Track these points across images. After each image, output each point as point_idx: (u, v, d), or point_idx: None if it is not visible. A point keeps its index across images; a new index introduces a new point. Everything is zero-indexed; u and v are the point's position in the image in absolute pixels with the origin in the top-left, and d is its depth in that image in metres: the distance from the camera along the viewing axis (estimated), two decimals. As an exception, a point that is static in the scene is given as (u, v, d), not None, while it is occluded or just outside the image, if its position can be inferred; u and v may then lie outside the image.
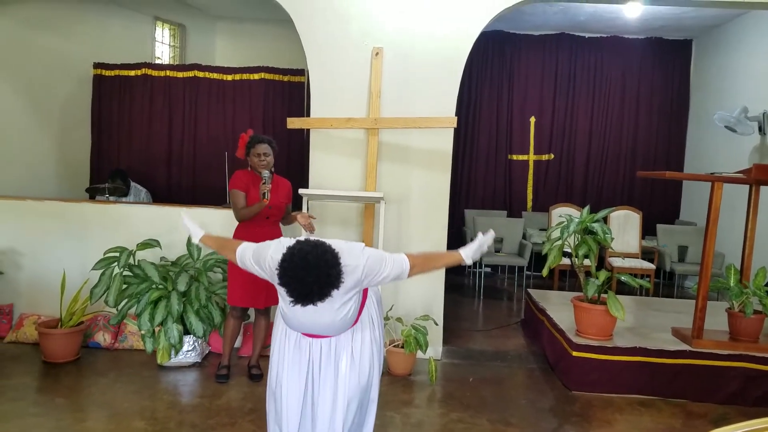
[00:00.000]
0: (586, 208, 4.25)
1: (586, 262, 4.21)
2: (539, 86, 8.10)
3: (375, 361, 2.51)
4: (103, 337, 4.53)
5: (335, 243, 2.17)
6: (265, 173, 3.77)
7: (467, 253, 2.43)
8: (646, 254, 6.84)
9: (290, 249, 2.04)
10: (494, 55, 8.10)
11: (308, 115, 4.70)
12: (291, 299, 2.02)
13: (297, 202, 4.21)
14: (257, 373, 4.01)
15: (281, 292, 2.17)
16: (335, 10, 4.43)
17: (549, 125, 8.14)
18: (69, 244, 4.71)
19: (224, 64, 7.45)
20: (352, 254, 2.20)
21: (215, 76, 7.25)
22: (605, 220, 4.33)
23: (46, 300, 4.63)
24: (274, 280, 2.16)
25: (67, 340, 4.21)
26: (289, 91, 7.18)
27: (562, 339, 4.26)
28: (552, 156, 8.18)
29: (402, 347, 4.16)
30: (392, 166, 4.49)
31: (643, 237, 6.82)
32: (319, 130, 4.49)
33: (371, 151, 4.39)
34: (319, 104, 4.49)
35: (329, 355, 2.40)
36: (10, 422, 3.23)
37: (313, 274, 1.97)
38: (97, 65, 7.16)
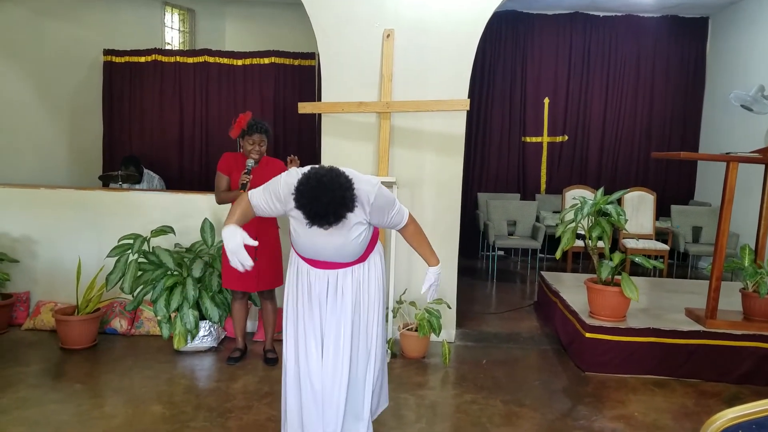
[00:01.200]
0: (600, 190, 4.22)
1: (600, 244, 4.18)
2: (553, 67, 8.00)
3: (377, 309, 2.62)
4: (119, 324, 4.59)
5: (349, 170, 2.29)
6: (250, 162, 3.76)
7: (436, 269, 2.66)
8: (660, 235, 6.79)
9: (306, 174, 2.17)
10: (507, 36, 8.00)
11: (320, 99, 4.68)
12: (307, 221, 2.14)
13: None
14: (273, 357, 4.05)
15: (297, 216, 2.29)
16: (345, -7, 4.40)
17: (563, 106, 8.05)
18: (84, 232, 4.76)
19: (234, 49, 7.44)
20: (367, 183, 2.34)
21: (225, 60, 7.24)
22: (619, 201, 4.30)
23: (63, 287, 4.69)
24: (290, 204, 2.26)
25: (83, 326, 4.27)
26: (300, 75, 7.17)
27: (575, 320, 4.25)
28: (566, 137, 8.11)
29: (415, 330, 4.18)
30: (405, 151, 4.48)
31: (657, 218, 6.77)
32: (331, 114, 4.48)
33: (383, 136, 4.38)
34: (330, 88, 4.47)
35: (336, 288, 2.51)
36: (30, 409, 3.29)
37: (328, 195, 2.09)
38: (107, 52, 7.18)
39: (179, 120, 7.31)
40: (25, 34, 6.10)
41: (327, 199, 2.08)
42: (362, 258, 2.54)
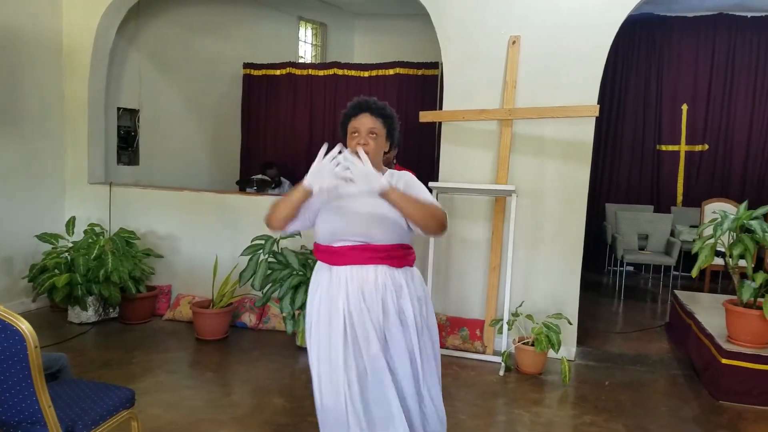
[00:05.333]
0: (744, 204, 3.87)
1: (742, 263, 3.83)
2: (692, 72, 7.46)
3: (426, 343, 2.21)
4: (248, 318, 4.90)
5: None
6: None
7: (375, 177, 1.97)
8: (819, 257, 6.07)
9: None
10: (642, 40, 7.59)
11: (441, 107, 4.71)
12: (352, 108, 2.18)
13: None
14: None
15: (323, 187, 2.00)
16: (472, 1, 4.40)
17: (703, 113, 7.47)
18: (221, 232, 5.13)
19: (362, 61, 7.68)
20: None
21: (353, 73, 7.49)
22: (765, 217, 3.92)
23: (200, 282, 5.08)
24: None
25: (217, 319, 4.61)
26: (423, 85, 7.24)
27: (711, 345, 3.92)
28: (706, 146, 7.51)
29: (532, 345, 4.06)
30: (526, 158, 4.38)
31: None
32: (451, 122, 4.49)
33: (504, 143, 4.31)
34: (452, 97, 4.48)
35: (363, 295, 2.11)
36: (166, 392, 3.61)
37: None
38: (246, 65, 7.69)
39: (309, 130, 7.66)
40: (177, 49, 6.70)
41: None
42: (397, 257, 2.15)
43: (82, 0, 5.29)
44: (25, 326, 1.88)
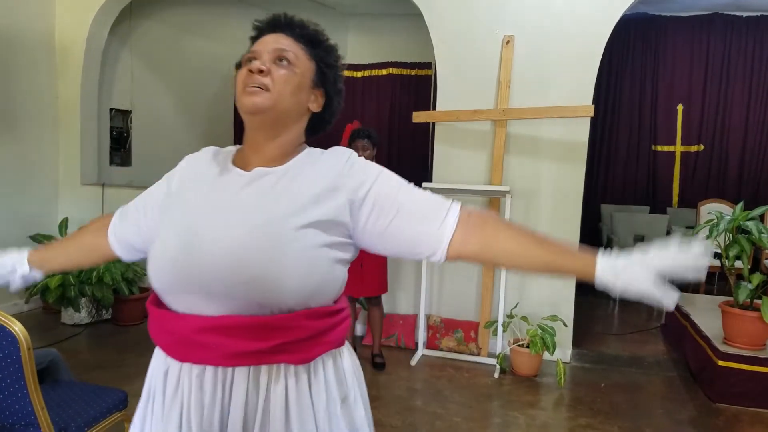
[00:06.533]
0: (740, 205, 3.84)
1: (738, 264, 3.80)
2: (688, 72, 7.45)
3: None
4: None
5: None
6: None
7: (608, 266, 1.05)
8: (814, 257, 6.07)
9: None
10: (637, 40, 7.57)
11: (434, 107, 4.69)
12: (256, 28, 1.25)
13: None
14: (380, 362, 4.08)
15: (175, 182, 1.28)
16: (465, 1, 4.37)
17: (699, 114, 7.46)
18: (213, 233, 5.09)
19: (356, 61, 7.66)
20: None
21: (345, 73, 7.36)
22: (762, 218, 3.91)
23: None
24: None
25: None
26: (416, 85, 7.23)
27: (707, 347, 3.90)
28: (702, 147, 7.50)
29: (527, 347, 4.03)
30: (520, 159, 4.35)
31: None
32: (445, 123, 4.47)
33: (498, 144, 4.29)
34: (446, 97, 4.46)
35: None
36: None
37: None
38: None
39: (303, 130, 7.65)
40: (169, 50, 6.67)
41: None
42: (306, 341, 1.08)
43: (75, 0, 5.26)
44: (18, 328, 1.88)
